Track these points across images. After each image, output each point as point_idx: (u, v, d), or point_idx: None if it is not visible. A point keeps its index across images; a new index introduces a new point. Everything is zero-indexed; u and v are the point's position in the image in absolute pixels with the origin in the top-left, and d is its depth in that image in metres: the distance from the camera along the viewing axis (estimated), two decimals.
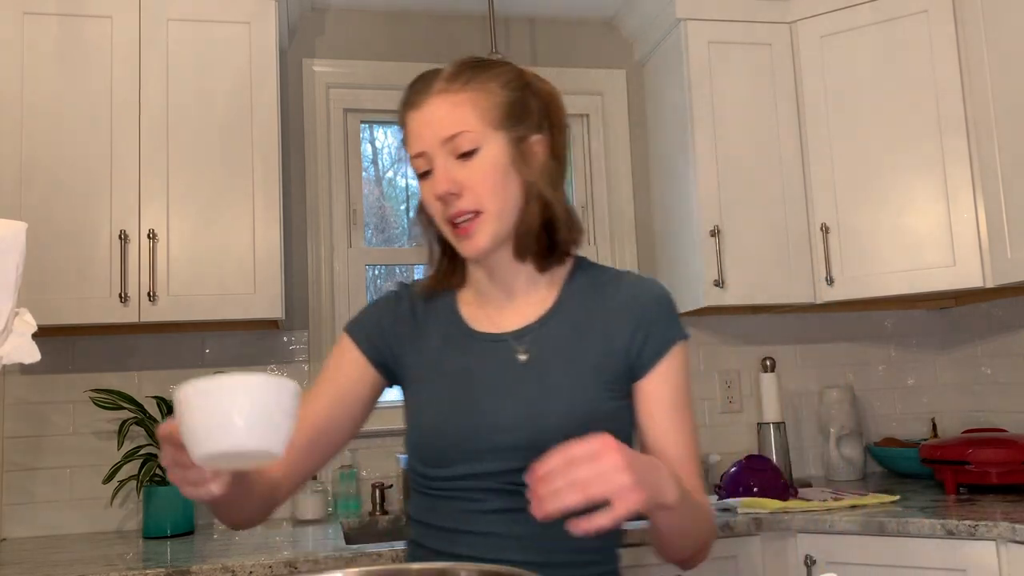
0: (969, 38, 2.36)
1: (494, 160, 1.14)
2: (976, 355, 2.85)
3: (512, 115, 1.16)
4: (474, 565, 0.83)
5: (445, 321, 1.24)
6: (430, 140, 1.13)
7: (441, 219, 1.16)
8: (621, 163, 2.88)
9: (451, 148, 1.13)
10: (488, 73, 1.17)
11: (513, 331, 1.20)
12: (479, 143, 1.13)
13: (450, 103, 1.14)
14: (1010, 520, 1.84)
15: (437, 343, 1.22)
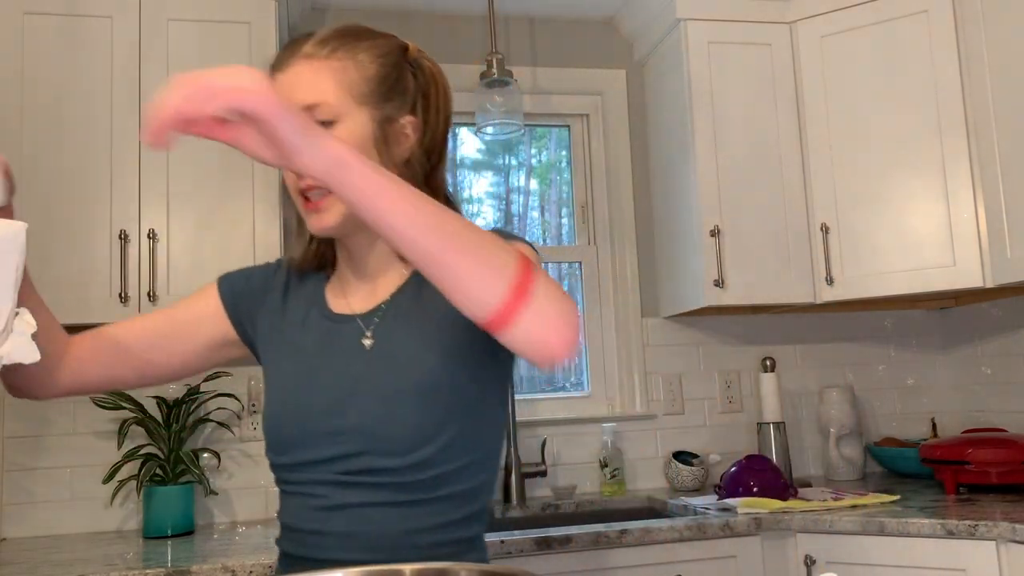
0: (969, 38, 2.36)
1: (352, 135, 1.06)
2: (976, 355, 2.85)
3: (380, 91, 1.09)
4: (474, 565, 0.83)
5: (309, 301, 1.17)
6: None
7: (293, 190, 1.08)
8: (621, 163, 2.88)
9: None
10: (362, 43, 1.11)
11: (364, 312, 1.13)
12: (336, 117, 1.05)
13: (312, 70, 1.07)
14: (1010, 520, 1.84)
15: (297, 322, 1.16)
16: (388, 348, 1.08)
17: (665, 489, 2.68)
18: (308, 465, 1.07)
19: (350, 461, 1.04)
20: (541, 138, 3.07)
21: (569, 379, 2.95)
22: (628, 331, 2.80)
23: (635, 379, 2.78)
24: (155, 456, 2.26)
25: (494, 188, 3.03)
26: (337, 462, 1.05)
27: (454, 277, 0.85)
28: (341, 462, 1.05)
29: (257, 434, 2.50)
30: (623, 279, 2.83)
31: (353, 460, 1.04)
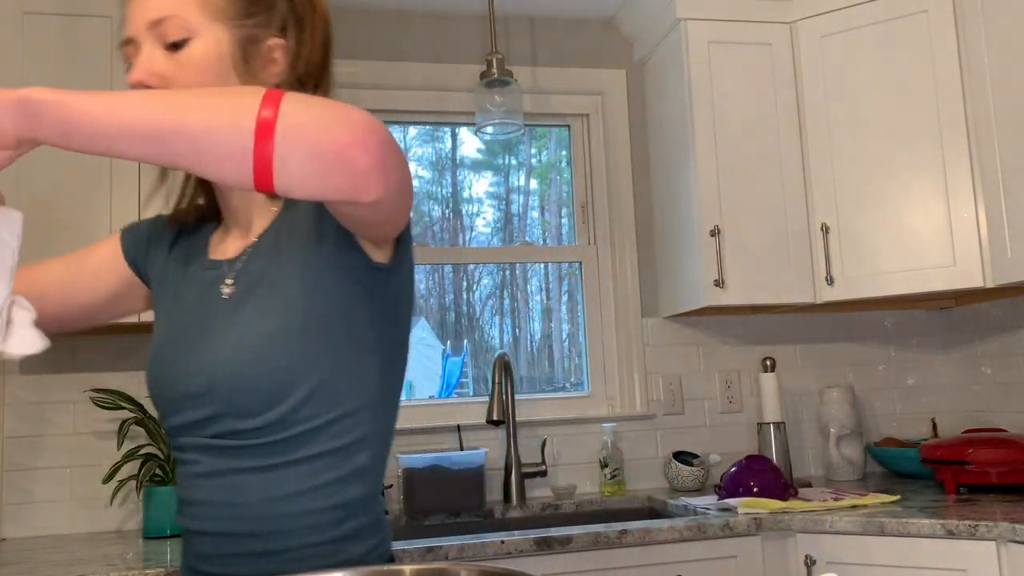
0: (969, 38, 2.36)
1: (205, 54, 0.96)
2: (976, 355, 2.85)
3: (240, 7, 0.99)
4: (473, 565, 0.83)
5: (193, 251, 1.10)
6: (137, 23, 0.97)
7: None
8: (621, 163, 2.88)
9: (158, 35, 0.96)
10: None
11: (233, 257, 1.05)
12: (190, 33, 0.96)
13: None
14: (1010, 520, 1.84)
15: (179, 275, 1.09)
16: (244, 296, 0.99)
17: (665, 489, 2.68)
18: (182, 428, 1.00)
19: (214, 424, 0.96)
20: (541, 138, 3.07)
21: (569, 379, 2.95)
22: (628, 331, 2.80)
23: (635, 379, 2.78)
24: (155, 456, 2.26)
25: (494, 188, 3.03)
26: (203, 425, 0.97)
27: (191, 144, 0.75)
28: (206, 425, 0.97)
29: None
30: (623, 279, 2.83)
31: (215, 423, 0.96)
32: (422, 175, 2.99)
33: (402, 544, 1.91)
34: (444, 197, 2.98)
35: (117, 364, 2.44)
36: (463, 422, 2.61)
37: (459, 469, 2.42)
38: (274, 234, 1.03)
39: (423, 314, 2.97)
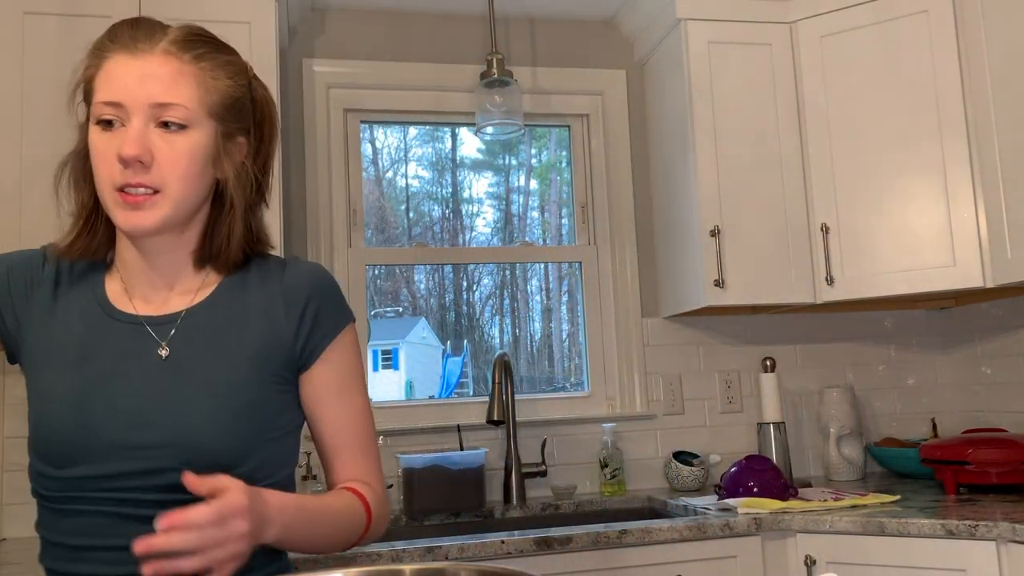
0: (969, 38, 2.36)
1: (197, 146, 1.05)
2: (976, 355, 2.85)
3: (230, 110, 1.09)
4: (473, 565, 0.83)
5: (88, 297, 1.11)
6: (139, 97, 1.02)
7: (109, 180, 1.03)
8: (621, 163, 2.88)
9: (156, 114, 1.03)
10: (221, 58, 1.10)
11: (158, 316, 1.10)
12: (189, 123, 1.04)
13: (175, 70, 1.04)
14: (1010, 520, 1.84)
15: (73, 320, 1.09)
16: (191, 362, 1.06)
17: (665, 489, 2.68)
18: (99, 479, 1.01)
19: (153, 476, 1.01)
20: (541, 138, 3.07)
21: (569, 379, 2.95)
22: (628, 331, 2.80)
23: (635, 379, 2.78)
24: None
25: (494, 188, 3.04)
26: (136, 477, 1.01)
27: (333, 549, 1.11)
28: (141, 477, 1.01)
29: None
30: (623, 279, 2.83)
31: (157, 476, 1.01)
32: (422, 175, 2.99)
33: (402, 544, 1.91)
34: (444, 197, 2.98)
35: None
36: (463, 422, 2.61)
37: (459, 469, 2.42)
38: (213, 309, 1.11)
39: (423, 314, 2.98)
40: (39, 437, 1.04)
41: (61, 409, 1.03)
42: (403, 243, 2.86)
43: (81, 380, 1.05)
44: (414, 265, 2.87)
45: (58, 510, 1.04)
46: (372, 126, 2.88)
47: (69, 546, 1.04)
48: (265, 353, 1.10)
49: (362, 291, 2.67)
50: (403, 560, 1.86)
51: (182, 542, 0.87)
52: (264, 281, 1.15)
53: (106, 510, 1.02)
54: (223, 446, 1.03)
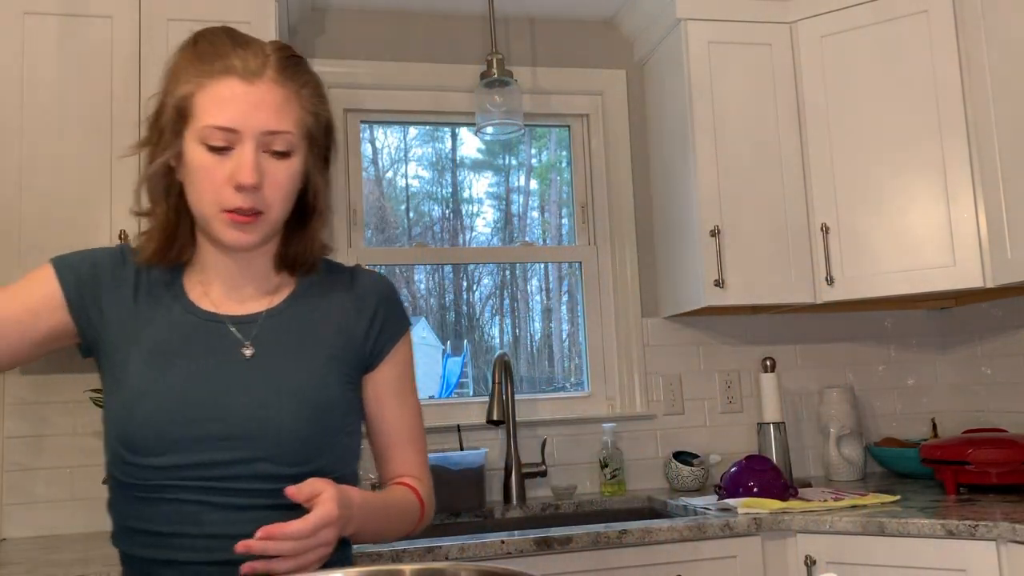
0: (969, 38, 2.36)
1: (298, 170, 1.11)
2: (976, 355, 2.85)
3: (321, 132, 1.15)
4: (473, 565, 0.83)
5: (170, 297, 1.16)
6: (253, 124, 1.06)
7: (217, 202, 1.07)
8: (621, 163, 2.88)
9: (266, 141, 1.07)
10: (313, 81, 1.16)
11: (240, 316, 1.15)
12: (292, 149, 1.10)
13: (283, 97, 1.09)
14: (1010, 520, 1.84)
15: (157, 318, 1.13)
16: (274, 361, 1.13)
17: (665, 489, 2.68)
18: (190, 467, 1.06)
19: (240, 466, 1.07)
20: (541, 138, 3.07)
21: (569, 379, 2.95)
22: (628, 331, 2.80)
23: (635, 379, 2.78)
24: None
25: (494, 188, 3.04)
26: (224, 466, 1.06)
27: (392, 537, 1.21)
28: (229, 467, 1.06)
29: None
30: (623, 279, 2.83)
31: (244, 465, 1.07)
32: (422, 175, 2.99)
33: (402, 544, 1.91)
34: (444, 197, 2.98)
35: None
36: (463, 422, 2.61)
37: (459, 469, 2.42)
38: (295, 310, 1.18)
39: (423, 314, 2.97)
40: (130, 428, 1.07)
41: (154, 402, 1.07)
42: (403, 243, 2.86)
43: (172, 375, 1.09)
44: (414, 265, 2.87)
45: (145, 498, 1.08)
46: (372, 126, 2.88)
47: (156, 532, 1.07)
48: (339, 354, 1.17)
49: None
50: (403, 560, 1.87)
51: (278, 549, 0.95)
52: (335, 286, 1.22)
53: (195, 498, 1.06)
54: (305, 440, 1.09)
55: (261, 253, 1.17)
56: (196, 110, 1.07)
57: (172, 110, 1.09)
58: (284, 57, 1.12)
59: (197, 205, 1.10)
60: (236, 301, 1.17)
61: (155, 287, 1.16)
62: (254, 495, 1.06)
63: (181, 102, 1.08)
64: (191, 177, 1.09)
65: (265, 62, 1.10)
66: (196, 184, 1.08)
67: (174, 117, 1.09)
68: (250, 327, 1.15)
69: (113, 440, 1.09)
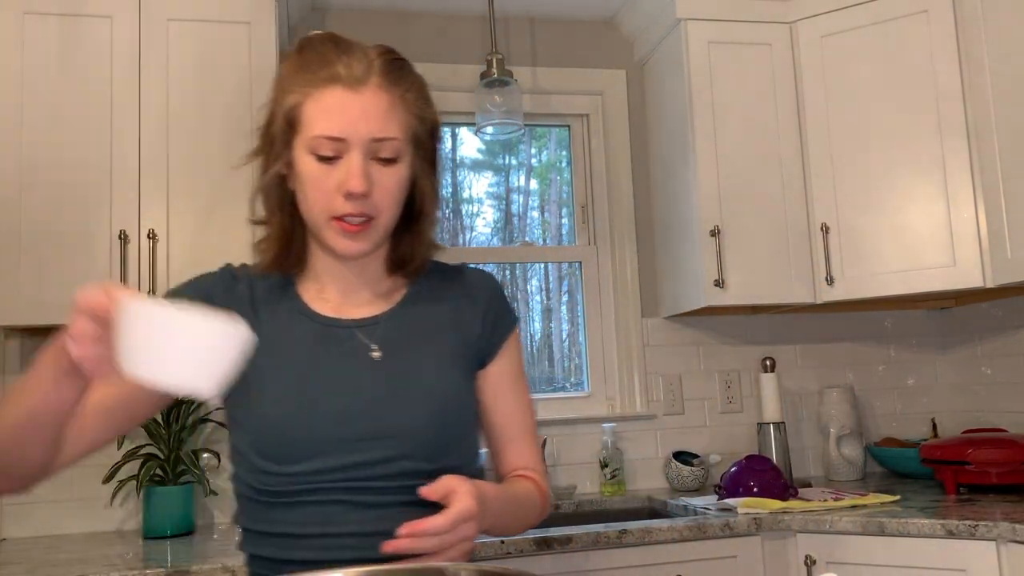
0: (969, 38, 2.36)
1: (405, 175, 1.12)
2: (976, 355, 2.85)
3: (427, 135, 1.15)
4: (473, 565, 0.83)
5: (287, 306, 1.17)
6: (361, 133, 1.07)
7: (328, 210, 1.09)
8: (621, 163, 2.88)
9: (374, 149, 1.08)
10: (418, 84, 1.15)
11: (361, 320, 1.17)
12: (399, 155, 1.10)
13: (388, 103, 1.09)
14: (1010, 520, 1.84)
15: (280, 329, 1.15)
16: (400, 361, 1.14)
17: (665, 489, 2.68)
18: (327, 472, 1.08)
19: (377, 467, 1.09)
20: (541, 138, 3.07)
21: (569, 379, 2.95)
22: (628, 331, 2.80)
23: (635, 379, 2.78)
24: (155, 456, 2.26)
25: (494, 188, 3.03)
26: (361, 468, 1.08)
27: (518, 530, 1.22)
28: (366, 468, 1.09)
29: None
30: (623, 279, 2.83)
31: (381, 466, 1.09)
32: None
33: None
34: (444, 197, 2.98)
35: None
36: None
37: None
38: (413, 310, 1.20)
39: None
40: (265, 438, 1.09)
41: (290, 411, 1.09)
42: None
43: (304, 384, 1.11)
44: None
45: (281, 503, 1.09)
46: None
47: (293, 535, 1.09)
48: (459, 351, 1.19)
49: None
50: None
51: (422, 546, 0.97)
52: (446, 285, 1.24)
53: (333, 499, 1.08)
54: (437, 437, 1.11)
55: (374, 258, 1.19)
56: (304, 120, 1.09)
57: (282, 120, 1.11)
58: (388, 61, 1.12)
59: (308, 213, 1.12)
60: (353, 305, 1.19)
61: (271, 299, 1.18)
62: (393, 492, 1.09)
63: (290, 112, 1.10)
64: (302, 186, 1.11)
65: (370, 68, 1.09)
66: (307, 193, 1.10)
67: (284, 127, 1.11)
68: (372, 330, 1.17)
69: (250, 452, 1.10)
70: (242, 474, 1.13)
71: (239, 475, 1.14)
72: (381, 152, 1.08)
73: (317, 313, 1.17)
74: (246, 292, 1.18)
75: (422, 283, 1.24)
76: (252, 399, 1.11)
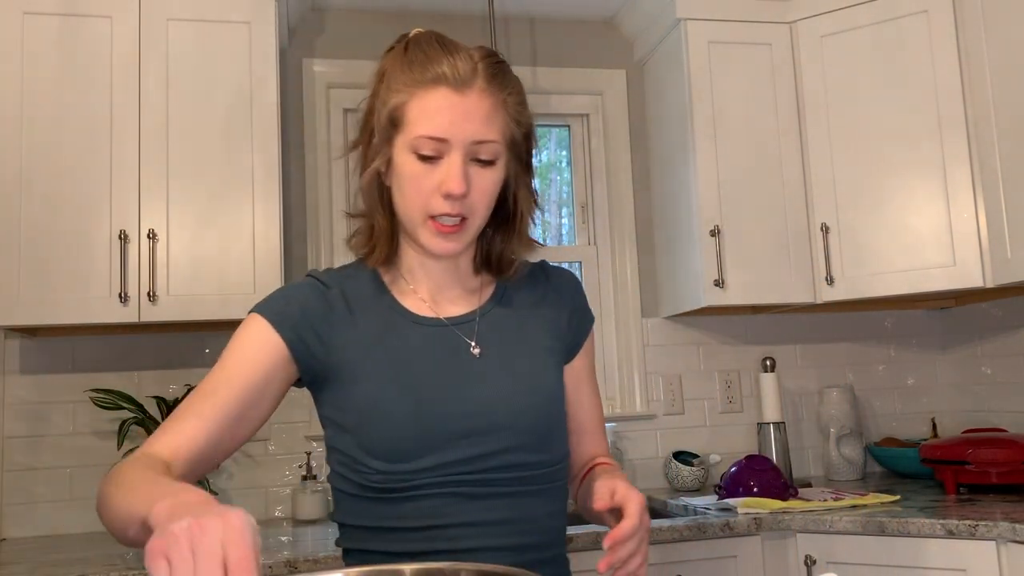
0: (969, 38, 2.36)
1: (500, 177, 1.13)
2: (976, 355, 2.85)
3: (524, 138, 1.16)
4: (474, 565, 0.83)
5: (382, 307, 1.17)
6: (463, 134, 1.08)
7: (425, 209, 1.10)
8: (621, 163, 2.88)
9: (473, 150, 1.09)
10: (517, 88, 1.16)
11: (457, 317, 1.19)
12: (496, 157, 1.11)
13: (490, 106, 1.10)
14: (1010, 520, 1.84)
15: (379, 331, 1.15)
16: (500, 357, 1.17)
17: (665, 489, 2.68)
18: (441, 467, 1.10)
19: (489, 459, 1.11)
20: (541, 138, 3.07)
21: None
22: (628, 331, 2.80)
23: (635, 379, 2.78)
24: None
25: None
26: (474, 462, 1.11)
27: None
28: (479, 461, 1.11)
29: (257, 434, 2.49)
30: (623, 279, 2.83)
31: (493, 458, 1.11)
32: None
33: None
34: None
35: (117, 364, 2.44)
36: None
37: None
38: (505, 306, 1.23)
39: None
40: (378, 439, 1.10)
41: (401, 411, 1.10)
42: None
43: (414, 384, 1.12)
44: None
45: (392, 499, 1.11)
46: None
47: (404, 528, 1.11)
48: (551, 345, 1.22)
49: None
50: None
51: (628, 550, 1.02)
52: (531, 282, 1.27)
53: (445, 491, 1.10)
54: (542, 428, 1.14)
55: (464, 256, 1.21)
56: (408, 119, 1.10)
57: (385, 118, 1.12)
58: (492, 64, 1.13)
59: (405, 211, 1.13)
60: (446, 302, 1.20)
61: (364, 300, 1.18)
62: (502, 484, 1.11)
63: (394, 111, 1.11)
64: (400, 184, 1.12)
65: (474, 70, 1.10)
66: (405, 191, 1.11)
67: (386, 125, 1.12)
68: (470, 327, 1.19)
69: (357, 452, 1.11)
70: (344, 472, 1.13)
71: (340, 473, 1.14)
72: (480, 154, 1.10)
73: (414, 312, 1.18)
74: (339, 297, 1.17)
75: (508, 280, 1.25)
76: (358, 401, 1.12)
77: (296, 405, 2.53)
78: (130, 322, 2.16)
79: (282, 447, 2.51)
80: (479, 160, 1.10)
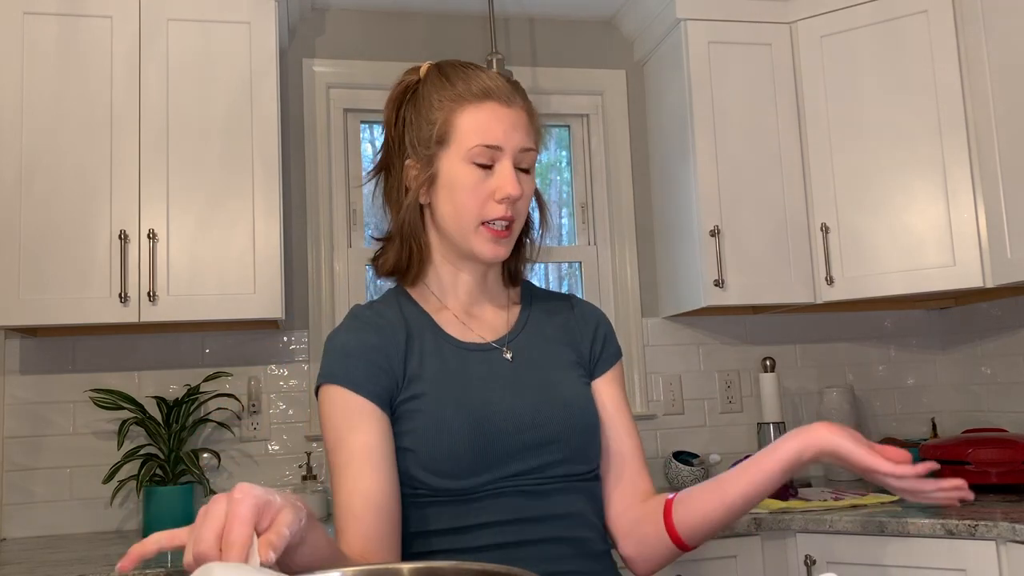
0: (969, 38, 2.36)
1: (534, 185, 1.22)
2: (976, 355, 2.85)
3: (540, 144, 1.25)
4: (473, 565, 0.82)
5: (427, 334, 1.20)
6: (514, 142, 1.16)
7: (480, 215, 1.15)
8: (621, 163, 2.88)
9: (519, 158, 1.17)
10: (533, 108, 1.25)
11: (498, 339, 1.23)
12: (532, 165, 1.20)
13: (528, 118, 1.19)
14: (1010, 520, 1.84)
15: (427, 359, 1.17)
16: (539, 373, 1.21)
17: (665, 489, 2.68)
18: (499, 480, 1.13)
19: (545, 471, 1.16)
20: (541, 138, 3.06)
21: None
22: (628, 331, 2.80)
23: (635, 379, 2.78)
24: (155, 456, 2.26)
25: None
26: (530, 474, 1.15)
27: None
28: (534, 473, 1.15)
29: (258, 434, 2.49)
30: (623, 279, 2.83)
31: (549, 469, 1.16)
32: None
33: None
34: None
35: (117, 364, 2.44)
36: None
37: None
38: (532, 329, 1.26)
39: None
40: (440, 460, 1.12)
41: (461, 432, 1.12)
42: None
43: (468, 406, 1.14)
44: None
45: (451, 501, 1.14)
46: (372, 126, 2.88)
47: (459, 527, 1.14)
48: (579, 362, 1.26)
49: (362, 291, 2.68)
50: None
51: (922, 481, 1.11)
52: (557, 305, 1.32)
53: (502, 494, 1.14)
54: (587, 442, 1.19)
55: (495, 269, 1.27)
56: (459, 131, 1.15)
57: (428, 136, 1.17)
58: (515, 84, 1.22)
59: (456, 221, 1.16)
60: (479, 319, 1.25)
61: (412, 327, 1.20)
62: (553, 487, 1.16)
63: (442, 127, 1.16)
64: (452, 194, 1.16)
65: (512, 86, 1.19)
66: (459, 200, 1.15)
67: (429, 142, 1.17)
68: (510, 348, 1.23)
69: (416, 470, 1.13)
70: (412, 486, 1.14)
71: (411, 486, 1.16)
72: (523, 162, 1.17)
73: (456, 338, 1.21)
74: (390, 331, 1.18)
75: (531, 299, 1.31)
76: (416, 423, 1.13)
77: (296, 405, 2.53)
78: (130, 322, 2.16)
79: (282, 447, 2.51)
80: (521, 168, 1.18)
